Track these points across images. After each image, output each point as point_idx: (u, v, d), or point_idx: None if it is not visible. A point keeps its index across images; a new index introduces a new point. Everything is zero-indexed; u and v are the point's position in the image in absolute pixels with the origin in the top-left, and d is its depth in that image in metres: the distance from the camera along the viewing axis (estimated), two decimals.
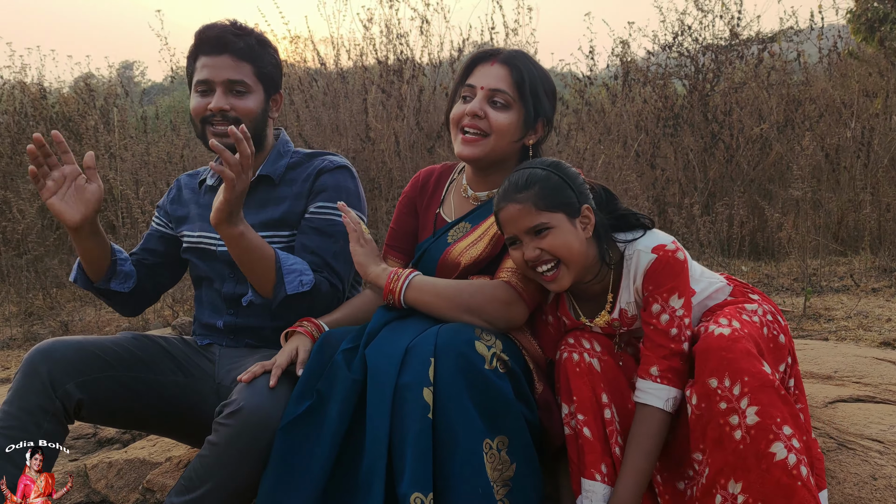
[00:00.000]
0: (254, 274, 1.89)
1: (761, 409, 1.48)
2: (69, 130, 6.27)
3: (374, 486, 1.54)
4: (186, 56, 2.05)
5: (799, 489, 1.44)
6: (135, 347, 1.94)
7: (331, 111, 5.68)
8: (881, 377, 2.28)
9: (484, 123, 1.85)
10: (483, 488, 1.53)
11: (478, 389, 1.58)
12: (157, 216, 2.25)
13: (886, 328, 3.40)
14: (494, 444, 1.57)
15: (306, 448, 1.60)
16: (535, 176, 1.66)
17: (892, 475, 1.73)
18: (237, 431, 1.60)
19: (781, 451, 1.46)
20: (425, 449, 1.53)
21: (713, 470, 1.53)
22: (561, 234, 1.65)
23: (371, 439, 1.58)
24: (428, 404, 1.55)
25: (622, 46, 6.36)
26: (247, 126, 1.95)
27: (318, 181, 2.02)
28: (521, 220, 1.65)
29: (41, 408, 1.74)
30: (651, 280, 1.67)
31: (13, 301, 5.20)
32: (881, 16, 6.43)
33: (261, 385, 1.66)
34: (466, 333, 1.63)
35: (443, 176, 2.09)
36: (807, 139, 5.12)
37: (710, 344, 1.54)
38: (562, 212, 1.66)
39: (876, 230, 4.93)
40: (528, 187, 1.65)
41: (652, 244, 1.69)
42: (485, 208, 1.94)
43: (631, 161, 5.36)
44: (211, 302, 2.13)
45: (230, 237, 1.82)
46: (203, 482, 1.62)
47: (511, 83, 1.85)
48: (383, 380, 1.61)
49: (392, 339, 1.68)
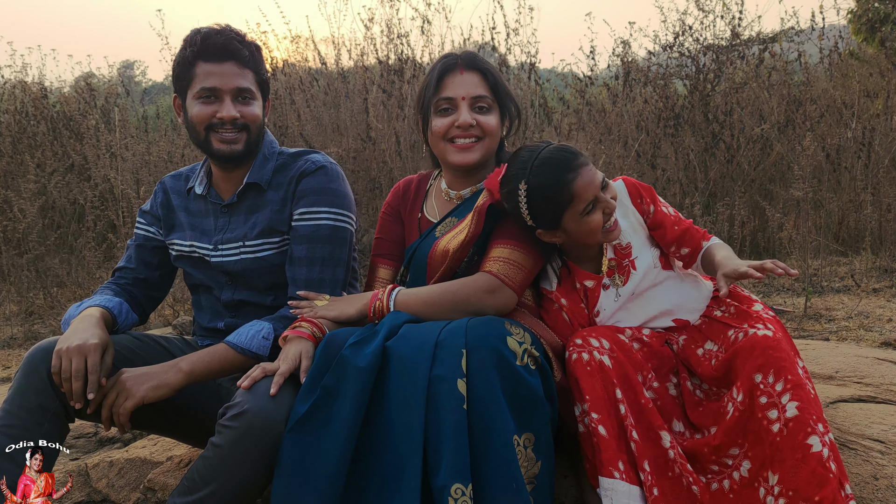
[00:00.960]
0: (230, 371, 1.87)
1: (801, 405, 1.55)
2: (70, 130, 6.27)
3: (408, 479, 1.54)
4: (178, 61, 1.97)
5: (831, 480, 1.50)
6: (135, 347, 1.94)
7: (332, 111, 5.67)
8: (882, 377, 2.28)
9: (476, 129, 1.94)
10: (517, 483, 1.54)
11: (510, 385, 1.59)
12: (143, 223, 2.18)
13: (887, 328, 3.40)
14: (522, 440, 1.59)
15: (319, 446, 1.59)
16: (569, 148, 1.82)
17: (894, 475, 1.73)
18: (241, 434, 1.59)
19: (817, 444, 1.53)
20: (463, 440, 1.54)
21: (756, 464, 1.60)
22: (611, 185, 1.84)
23: (400, 432, 1.58)
24: (463, 395, 1.56)
25: (623, 46, 6.36)
26: (252, 132, 1.98)
27: (299, 185, 1.99)
28: (597, 179, 1.79)
29: (41, 406, 1.74)
30: (637, 192, 1.94)
31: (14, 300, 5.20)
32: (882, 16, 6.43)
33: (265, 387, 1.65)
34: (498, 328, 1.64)
35: (421, 183, 2.17)
36: (807, 139, 5.12)
37: (757, 342, 1.65)
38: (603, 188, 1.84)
39: (877, 230, 4.92)
40: (579, 155, 1.80)
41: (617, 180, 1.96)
42: (470, 201, 1.99)
43: (632, 161, 5.35)
44: (210, 307, 2.12)
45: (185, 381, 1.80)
46: (206, 483, 1.62)
47: (487, 87, 1.96)
48: (415, 372, 1.61)
49: (419, 333, 1.68)
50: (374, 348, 1.65)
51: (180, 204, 2.14)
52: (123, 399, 1.73)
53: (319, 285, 1.94)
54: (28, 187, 5.44)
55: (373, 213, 5.00)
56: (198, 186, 2.10)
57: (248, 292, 2.04)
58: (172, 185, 2.18)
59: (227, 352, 1.85)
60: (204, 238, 2.06)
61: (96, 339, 1.76)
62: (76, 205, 5.79)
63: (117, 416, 1.74)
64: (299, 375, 1.70)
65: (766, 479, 1.57)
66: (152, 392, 1.74)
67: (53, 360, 1.72)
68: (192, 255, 2.07)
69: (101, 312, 1.92)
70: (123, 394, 1.73)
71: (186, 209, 2.12)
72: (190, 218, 2.10)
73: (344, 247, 1.99)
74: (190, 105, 1.96)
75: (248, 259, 2.01)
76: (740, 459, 1.63)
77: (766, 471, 1.58)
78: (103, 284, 2.10)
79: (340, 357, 1.66)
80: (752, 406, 1.60)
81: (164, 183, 2.20)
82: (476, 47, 6.21)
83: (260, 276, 2.02)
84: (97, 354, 1.73)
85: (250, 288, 2.04)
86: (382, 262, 2.12)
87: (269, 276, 2.02)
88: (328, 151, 4.90)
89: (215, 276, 2.06)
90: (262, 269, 2.01)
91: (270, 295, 2.04)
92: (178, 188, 2.17)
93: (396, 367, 1.63)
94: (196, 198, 2.11)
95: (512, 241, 1.86)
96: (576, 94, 6.16)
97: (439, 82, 1.95)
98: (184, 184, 2.16)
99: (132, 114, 7.14)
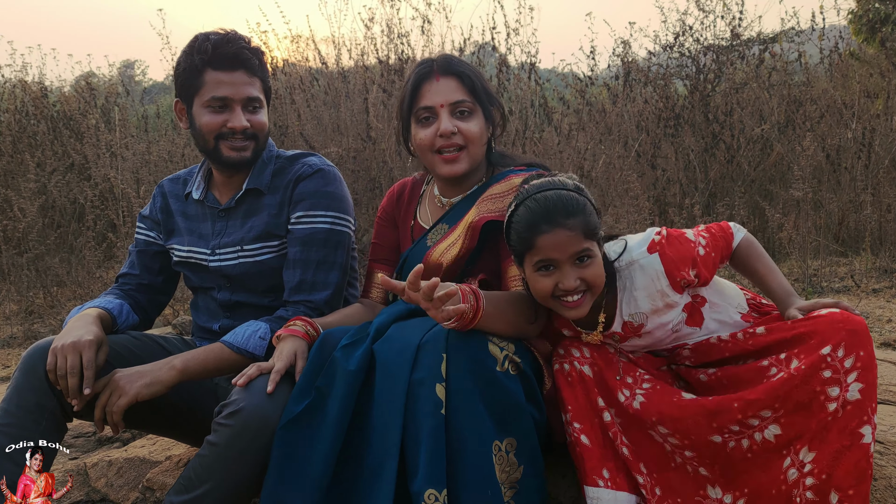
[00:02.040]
0: (225, 370, 1.87)
1: (865, 388, 1.47)
2: (70, 129, 6.28)
3: (383, 481, 1.54)
4: (184, 66, 1.93)
5: (869, 477, 1.45)
6: (134, 346, 1.94)
7: (332, 110, 5.67)
8: (881, 377, 2.28)
9: (458, 138, 1.88)
10: (492, 490, 1.53)
11: (489, 391, 1.57)
12: (143, 227, 2.18)
13: (887, 329, 3.40)
14: (503, 445, 1.57)
15: (307, 445, 1.60)
16: (575, 201, 1.59)
17: (892, 476, 1.73)
18: (237, 432, 1.60)
19: (868, 435, 1.46)
20: (439, 445, 1.53)
21: (789, 433, 1.52)
22: (597, 262, 1.62)
23: (380, 434, 1.58)
24: (441, 400, 1.55)
25: (623, 46, 6.36)
26: (261, 140, 1.99)
27: (296, 189, 1.98)
28: (570, 246, 1.57)
29: (40, 406, 1.75)
30: (675, 266, 1.68)
31: (14, 299, 5.21)
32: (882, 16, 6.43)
33: (260, 386, 1.65)
34: (478, 333, 1.62)
35: (415, 187, 2.15)
36: (807, 140, 5.12)
37: (833, 317, 1.55)
38: (595, 239, 1.62)
39: (876, 231, 4.92)
40: (575, 213, 1.58)
41: (642, 247, 1.69)
42: (460, 207, 1.97)
43: (632, 161, 5.35)
44: (206, 307, 2.12)
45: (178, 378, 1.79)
46: (202, 482, 1.62)
47: (465, 90, 1.89)
48: (395, 375, 1.60)
49: (403, 335, 1.67)
50: (363, 351, 1.66)
51: (178, 208, 2.13)
52: (117, 397, 1.72)
53: (311, 288, 1.94)
54: (28, 186, 5.44)
55: (373, 213, 4.99)
56: (195, 191, 2.09)
57: (246, 294, 2.04)
58: (171, 189, 2.17)
59: (223, 351, 1.85)
60: (201, 243, 2.06)
61: (91, 335, 1.76)
62: (76, 204, 5.79)
63: (111, 415, 1.74)
64: (294, 374, 1.70)
65: (798, 452, 1.51)
66: (146, 389, 1.73)
67: (49, 357, 1.73)
68: (189, 261, 2.07)
69: (99, 312, 1.92)
70: (117, 392, 1.73)
71: (184, 213, 2.12)
72: (188, 222, 2.10)
73: (340, 250, 1.98)
74: (198, 113, 1.95)
75: (246, 263, 2.01)
76: (768, 423, 1.55)
77: (801, 444, 1.50)
78: (107, 290, 2.11)
79: (332, 359, 1.67)
80: (812, 377, 1.51)
81: (163, 186, 2.19)
82: (476, 47, 6.21)
83: (259, 280, 2.02)
84: (92, 351, 1.73)
85: (249, 290, 2.04)
86: (379, 266, 2.11)
87: (268, 280, 2.02)
88: (328, 151, 4.90)
89: (213, 279, 2.06)
90: (261, 272, 2.01)
91: (269, 297, 2.04)
92: (176, 192, 2.16)
93: (380, 369, 1.63)
94: (193, 202, 2.11)
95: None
96: (576, 94, 6.17)
97: (416, 91, 1.91)
98: (181, 187, 2.15)
99: (132, 113, 7.15)
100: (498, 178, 1.94)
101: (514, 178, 1.89)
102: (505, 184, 1.89)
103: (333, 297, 1.98)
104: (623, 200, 4.67)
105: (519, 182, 1.83)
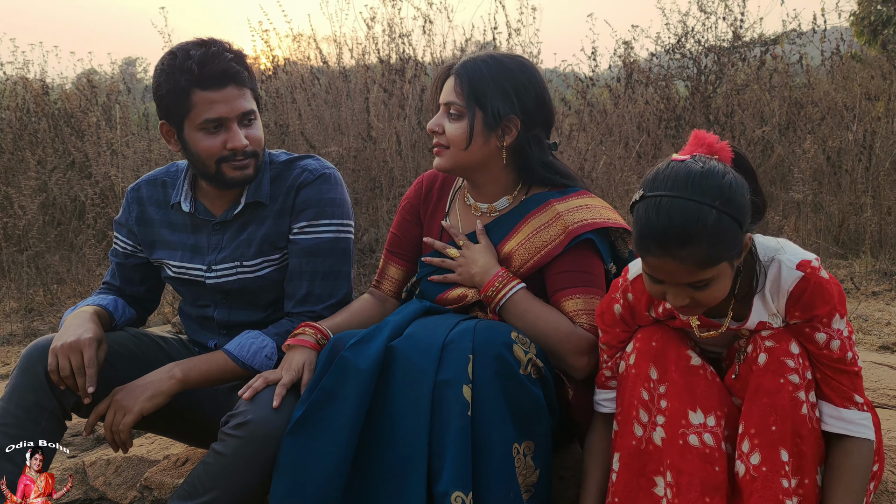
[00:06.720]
0: (228, 381, 1.85)
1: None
2: (71, 127, 6.27)
3: (412, 484, 1.53)
4: (168, 88, 1.78)
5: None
6: (133, 345, 1.94)
7: (333, 110, 5.67)
8: (879, 381, 2.28)
9: (442, 138, 1.83)
10: (514, 493, 1.53)
11: (513, 393, 1.57)
12: (120, 236, 2.05)
13: (886, 332, 3.40)
14: (522, 448, 1.57)
15: (318, 449, 1.57)
16: (702, 226, 1.31)
17: (889, 480, 1.73)
18: (244, 443, 1.59)
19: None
20: (466, 447, 1.52)
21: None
22: (721, 282, 1.38)
23: (407, 435, 1.56)
24: (468, 402, 1.54)
25: (625, 48, 6.36)
26: (260, 155, 1.88)
27: (298, 197, 1.90)
28: (679, 277, 1.36)
29: (38, 405, 1.74)
30: (799, 305, 1.44)
31: (13, 297, 5.20)
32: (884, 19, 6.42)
33: (267, 398, 1.64)
34: (504, 334, 1.61)
35: (446, 182, 2.02)
36: (808, 142, 5.11)
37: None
38: (727, 260, 1.37)
39: (877, 234, 4.92)
40: (694, 241, 1.31)
41: (796, 258, 1.45)
42: (495, 230, 1.86)
43: (632, 162, 5.35)
44: (199, 321, 2.06)
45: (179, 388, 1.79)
46: (207, 490, 1.62)
47: (458, 92, 1.80)
48: (420, 375, 1.58)
49: (426, 334, 1.65)
50: (377, 349, 1.63)
51: (161, 218, 2.00)
52: (122, 416, 1.72)
53: (318, 300, 1.90)
54: (29, 184, 5.44)
55: (373, 213, 4.99)
56: (184, 203, 1.95)
57: (244, 311, 1.99)
58: (149, 195, 2.02)
59: (227, 363, 1.83)
60: (196, 258, 1.96)
61: (90, 333, 1.76)
62: (77, 202, 5.79)
63: (118, 434, 1.74)
64: (300, 386, 1.68)
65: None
66: (148, 403, 1.73)
67: (49, 358, 1.72)
68: (182, 277, 1.99)
69: (96, 309, 1.91)
70: (121, 411, 1.72)
71: (170, 224, 1.99)
72: (175, 235, 1.98)
73: (345, 257, 1.94)
74: (192, 137, 1.82)
75: (246, 279, 1.94)
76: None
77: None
78: (97, 290, 2.07)
79: (340, 358, 1.63)
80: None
81: (139, 191, 2.03)
82: (478, 47, 6.21)
83: (259, 294, 1.98)
84: (92, 349, 1.73)
85: (248, 306, 1.99)
86: (395, 260, 2.03)
87: (269, 294, 1.98)
88: (329, 150, 4.90)
89: (210, 296, 2.00)
90: (262, 287, 1.96)
91: (268, 310, 2.00)
92: (156, 198, 2.01)
93: (402, 369, 1.61)
94: (181, 212, 1.98)
95: (584, 289, 1.76)
96: (577, 95, 6.16)
97: (439, 89, 1.88)
98: (161, 191, 2.01)
99: (133, 111, 7.14)
100: (536, 202, 1.84)
101: (556, 205, 1.80)
102: (546, 214, 1.80)
103: (340, 306, 1.94)
104: (624, 201, 4.67)
105: (562, 210, 1.79)
